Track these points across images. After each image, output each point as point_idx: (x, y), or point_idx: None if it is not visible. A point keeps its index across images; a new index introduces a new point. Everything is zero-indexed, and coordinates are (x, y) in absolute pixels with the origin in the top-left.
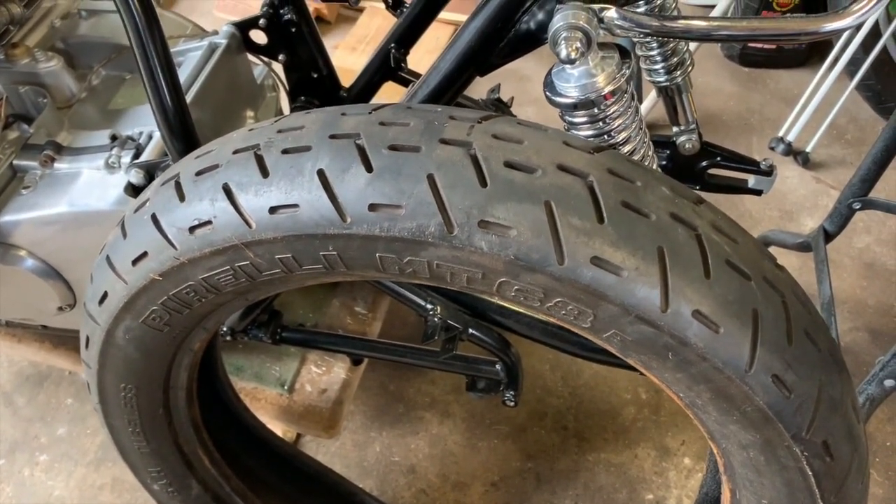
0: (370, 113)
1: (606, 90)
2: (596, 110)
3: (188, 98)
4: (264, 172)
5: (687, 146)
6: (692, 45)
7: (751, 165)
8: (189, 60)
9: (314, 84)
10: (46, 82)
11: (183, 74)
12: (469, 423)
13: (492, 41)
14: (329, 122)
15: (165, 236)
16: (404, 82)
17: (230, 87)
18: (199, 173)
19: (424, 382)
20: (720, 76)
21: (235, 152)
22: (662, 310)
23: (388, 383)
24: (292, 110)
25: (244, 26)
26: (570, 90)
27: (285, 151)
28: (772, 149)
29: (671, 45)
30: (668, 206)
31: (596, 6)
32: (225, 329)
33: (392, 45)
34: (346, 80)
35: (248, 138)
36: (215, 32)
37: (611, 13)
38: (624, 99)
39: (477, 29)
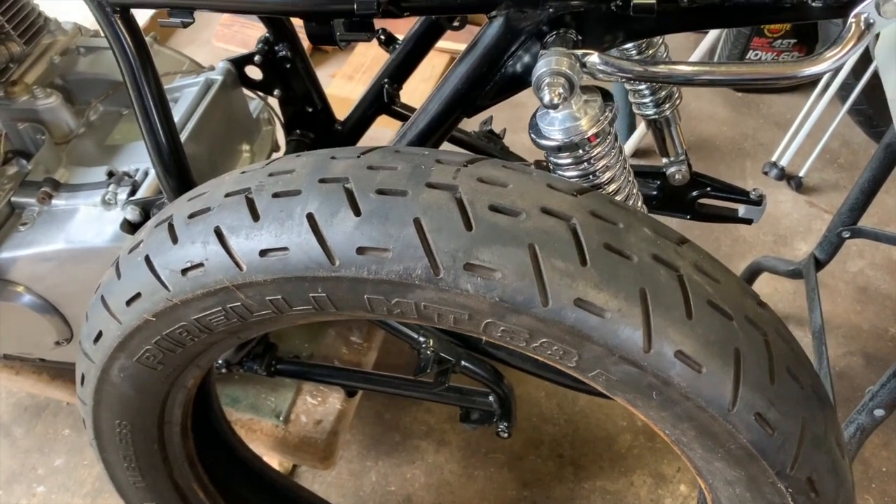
0: (359, 157)
1: (590, 133)
2: (580, 152)
3: (185, 133)
4: (255, 216)
5: (677, 177)
6: (707, 41)
7: (740, 195)
8: (185, 96)
9: (309, 118)
10: (45, 119)
11: (179, 110)
12: (465, 452)
13: (478, 85)
14: (319, 166)
15: (158, 278)
16: (398, 116)
17: (226, 122)
18: (191, 216)
19: (420, 411)
20: (714, 101)
21: (227, 195)
22: (645, 350)
23: (384, 412)
24: (288, 143)
25: (240, 62)
26: (555, 133)
27: (276, 195)
28: (765, 173)
29: (651, 50)
30: (649, 247)
31: (578, 51)
32: (220, 361)
33: (385, 80)
34: (344, 108)
35: (239, 181)
36: (212, 68)
37: (593, 58)
38: (607, 140)
39: (463, 73)
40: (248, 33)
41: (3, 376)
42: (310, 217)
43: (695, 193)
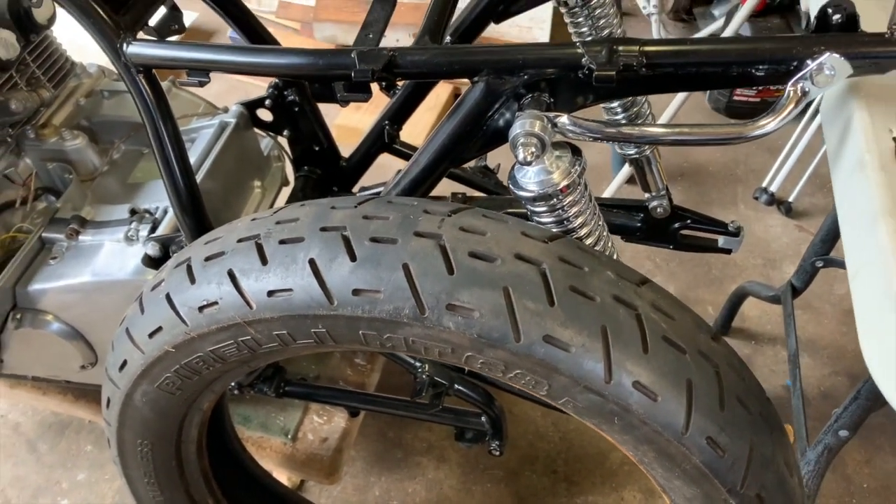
0: (356, 207)
1: (562, 185)
2: (554, 201)
3: (201, 172)
4: (264, 260)
5: (658, 210)
6: (677, 100)
7: (719, 227)
8: (202, 138)
9: (316, 155)
10: (72, 158)
11: (196, 151)
12: (464, 468)
13: (463, 140)
14: (320, 215)
15: (178, 314)
16: (398, 154)
17: (239, 160)
18: (207, 259)
19: (421, 429)
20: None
21: (240, 240)
22: (606, 381)
23: (386, 430)
24: (296, 179)
25: (252, 105)
26: (530, 186)
27: (282, 242)
28: (756, 198)
29: (636, 108)
30: (611, 288)
31: (550, 114)
32: (233, 384)
33: (386, 121)
34: (353, 136)
35: (250, 228)
36: (226, 110)
37: (563, 120)
38: (578, 190)
39: (450, 130)
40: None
41: (31, 396)
42: (311, 262)
43: (676, 225)
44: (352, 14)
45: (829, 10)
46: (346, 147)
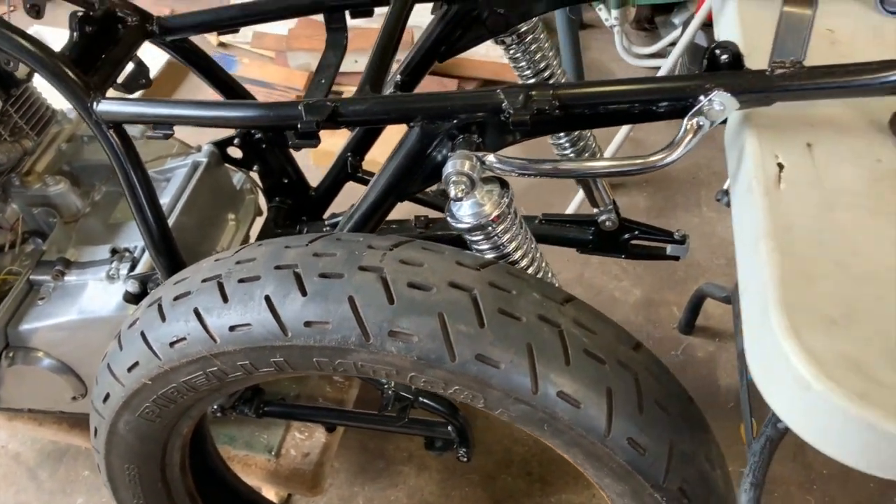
0: (307, 245)
1: (493, 215)
2: (489, 230)
3: (176, 210)
4: (225, 299)
5: (607, 224)
6: (623, 132)
7: (666, 236)
8: (176, 177)
9: (286, 187)
10: (56, 202)
11: (171, 190)
12: (443, 474)
13: (405, 178)
14: (275, 255)
15: (152, 349)
16: (362, 182)
17: (212, 196)
18: (176, 298)
19: (402, 439)
20: (671, 133)
21: (203, 281)
22: (533, 392)
23: (368, 442)
24: (269, 209)
25: (222, 144)
26: (465, 218)
27: (241, 280)
28: (718, 200)
29: (582, 142)
30: (536, 308)
31: (479, 153)
32: (215, 407)
33: (348, 153)
34: (328, 159)
35: (213, 268)
36: (199, 149)
37: (490, 158)
38: (509, 218)
39: (392, 169)
40: None
41: (29, 427)
42: (267, 298)
43: (626, 236)
44: (323, 42)
45: (717, 51)
46: (324, 170)
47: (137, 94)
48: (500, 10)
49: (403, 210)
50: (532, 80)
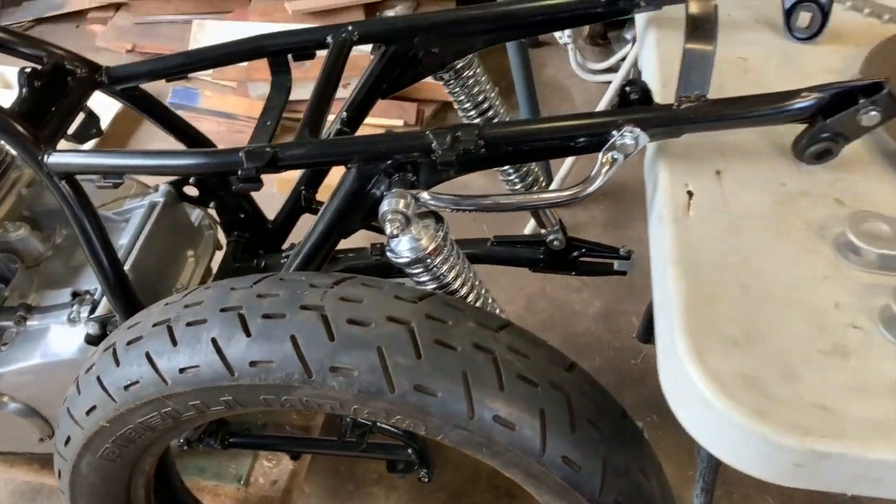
0: (252, 286)
1: (430, 248)
2: (428, 262)
3: (134, 251)
4: (174, 342)
5: (555, 243)
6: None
7: (612, 252)
8: (134, 218)
9: (243, 222)
10: (17, 248)
11: (129, 231)
12: (411, 494)
13: (346, 216)
14: (221, 297)
15: (107, 393)
16: (316, 213)
17: (171, 234)
18: (128, 343)
19: (372, 462)
20: None
21: (154, 325)
22: (470, 418)
23: (338, 465)
24: (228, 244)
25: (178, 183)
26: (404, 253)
27: (189, 324)
28: None
29: (524, 168)
30: (471, 337)
31: (414, 191)
32: (182, 440)
33: (302, 187)
34: (288, 187)
35: (163, 312)
36: (156, 189)
37: (424, 195)
38: (445, 251)
39: (334, 208)
40: (200, 126)
41: (1, 468)
42: (213, 341)
43: (574, 254)
44: None
45: (627, 88)
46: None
47: (92, 144)
48: (435, 49)
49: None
50: (472, 113)
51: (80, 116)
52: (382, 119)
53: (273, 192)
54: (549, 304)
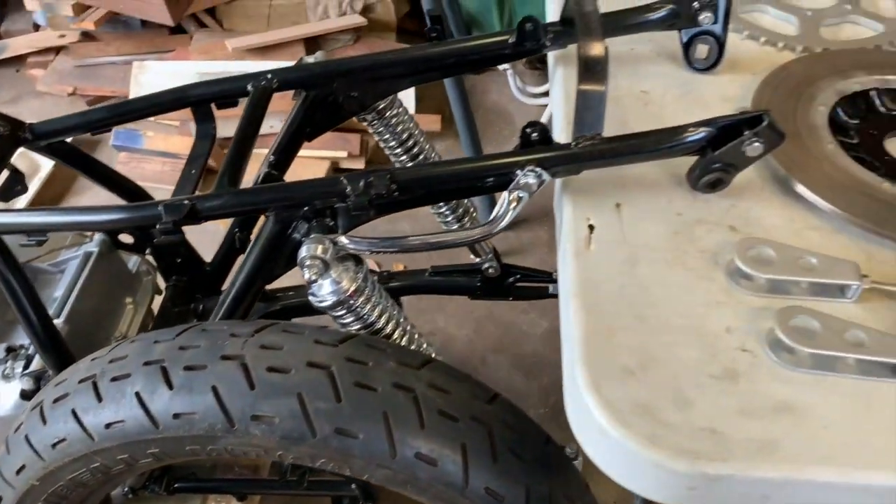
0: (174, 338)
1: (350, 290)
2: (350, 303)
3: (70, 302)
4: (99, 398)
5: (490, 271)
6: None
7: (546, 277)
8: (69, 269)
9: (180, 266)
10: None
11: (64, 282)
12: None
13: (268, 262)
14: (144, 350)
15: (36, 452)
16: None
17: (108, 283)
18: (55, 401)
19: (319, 499)
20: None
21: (80, 381)
22: (392, 457)
23: (291, 500)
24: (166, 288)
25: (112, 232)
26: (325, 296)
27: (113, 379)
28: None
29: (461, 209)
30: (391, 377)
31: (332, 235)
32: (126, 488)
33: (235, 229)
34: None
35: (89, 368)
36: (91, 238)
37: (342, 239)
38: (367, 291)
39: (256, 255)
40: (144, 167)
41: None
42: (137, 395)
43: (510, 280)
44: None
45: (528, 130)
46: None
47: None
48: (354, 93)
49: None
50: (398, 151)
51: (5, 174)
52: (327, 151)
53: (219, 229)
54: (498, 327)
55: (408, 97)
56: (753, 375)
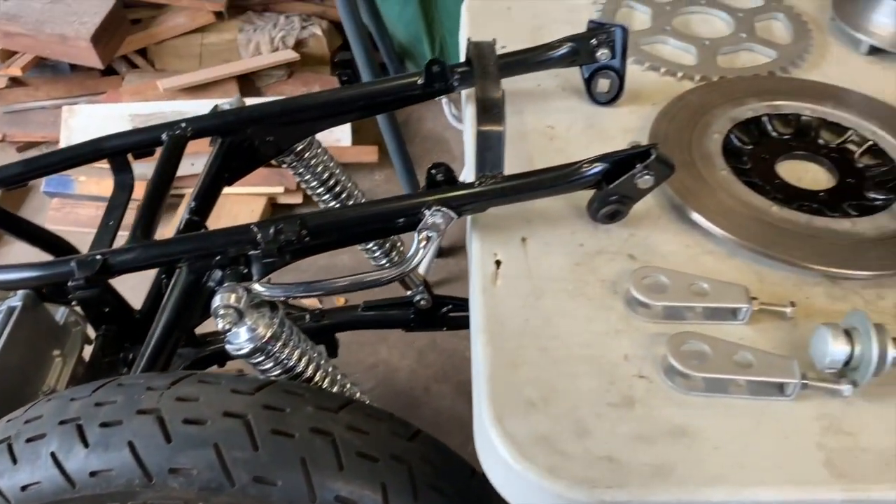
0: (90, 395)
1: (267, 336)
2: (268, 349)
3: None
4: (14, 460)
5: (422, 303)
6: None
7: None
8: None
9: (108, 315)
10: None
11: None
12: None
13: (184, 312)
14: (60, 409)
15: None
16: None
17: (34, 336)
18: None
19: None
20: None
21: None
22: (312, 502)
23: None
24: (96, 338)
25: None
26: (242, 344)
27: (28, 440)
28: None
29: (389, 245)
30: (309, 422)
31: (245, 283)
32: None
33: (162, 276)
34: None
35: (5, 430)
36: (14, 294)
37: (256, 287)
38: (284, 336)
39: (171, 306)
40: (78, 212)
41: None
42: (52, 455)
43: (443, 311)
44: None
45: (433, 171)
46: None
47: None
48: (270, 138)
49: None
50: (321, 191)
51: None
52: (263, 187)
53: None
54: (441, 355)
55: (344, 130)
56: (649, 401)
